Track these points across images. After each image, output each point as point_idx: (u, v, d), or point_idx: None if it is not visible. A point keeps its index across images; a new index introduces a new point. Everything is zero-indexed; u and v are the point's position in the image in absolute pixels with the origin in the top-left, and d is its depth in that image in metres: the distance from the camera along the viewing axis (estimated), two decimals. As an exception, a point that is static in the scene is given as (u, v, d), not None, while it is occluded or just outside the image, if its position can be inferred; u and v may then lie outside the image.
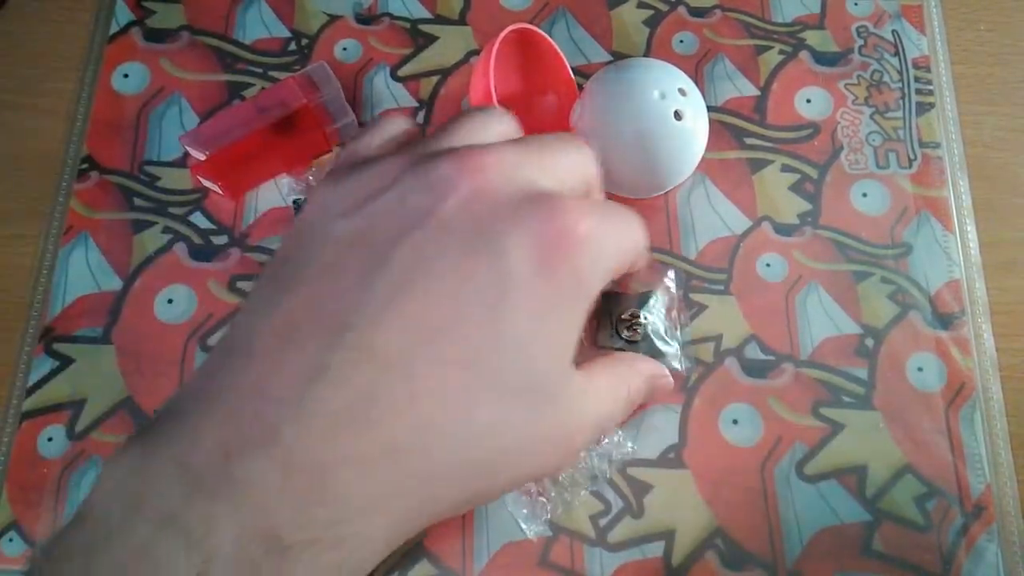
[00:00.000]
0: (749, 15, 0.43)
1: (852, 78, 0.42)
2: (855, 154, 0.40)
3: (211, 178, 0.38)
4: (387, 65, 0.42)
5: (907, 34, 0.42)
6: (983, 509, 0.34)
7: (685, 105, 0.35)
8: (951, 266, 0.38)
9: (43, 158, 0.41)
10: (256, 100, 0.39)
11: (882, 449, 0.35)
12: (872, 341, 0.37)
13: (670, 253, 0.38)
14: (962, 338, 0.37)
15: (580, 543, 0.34)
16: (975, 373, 0.36)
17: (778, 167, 0.40)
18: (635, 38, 0.43)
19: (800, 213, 0.39)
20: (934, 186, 0.39)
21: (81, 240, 0.39)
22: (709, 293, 0.38)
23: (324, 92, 0.39)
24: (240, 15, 0.43)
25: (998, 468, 0.35)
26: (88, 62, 0.42)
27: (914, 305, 0.37)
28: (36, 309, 0.38)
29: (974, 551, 0.33)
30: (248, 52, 0.42)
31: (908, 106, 0.41)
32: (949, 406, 0.35)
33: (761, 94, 0.41)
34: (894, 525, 0.34)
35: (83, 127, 0.41)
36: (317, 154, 0.40)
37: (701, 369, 0.36)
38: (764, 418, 0.35)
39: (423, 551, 0.34)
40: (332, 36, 0.43)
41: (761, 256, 0.38)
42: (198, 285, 0.38)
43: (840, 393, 0.36)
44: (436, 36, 0.43)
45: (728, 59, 0.42)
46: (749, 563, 0.33)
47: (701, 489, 0.34)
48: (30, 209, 0.40)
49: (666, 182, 0.37)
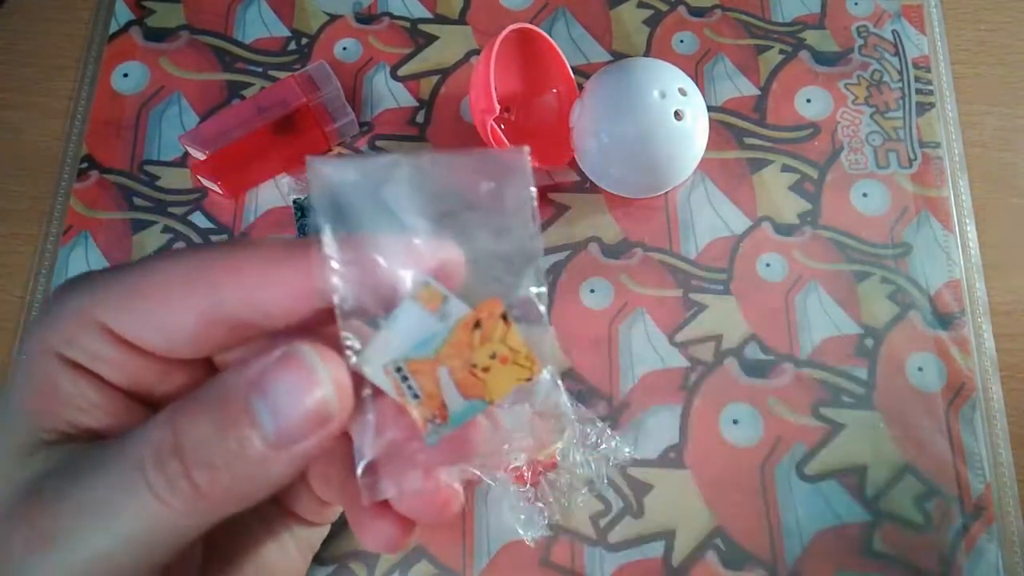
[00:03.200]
0: (749, 15, 0.43)
1: (852, 78, 0.42)
2: (855, 154, 0.40)
3: (211, 178, 0.38)
4: (387, 64, 0.42)
5: (907, 34, 0.42)
6: (983, 509, 0.34)
7: (685, 105, 0.35)
8: (951, 266, 0.38)
9: (42, 157, 0.41)
10: (256, 99, 0.39)
11: (882, 449, 0.35)
12: (872, 341, 0.37)
13: (670, 253, 0.38)
14: (962, 338, 0.37)
15: (580, 543, 0.34)
16: (975, 373, 0.36)
17: (778, 167, 0.40)
18: (635, 38, 0.43)
19: (800, 213, 0.39)
20: (934, 186, 0.39)
21: (81, 240, 0.39)
22: (709, 293, 0.38)
23: (324, 91, 0.39)
24: (240, 14, 0.43)
25: (998, 468, 0.35)
26: (87, 61, 0.42)
27: (914, 305, 0.37)
28: (35, 308, 0.38)
29: (974, 551, 0.33)
30: (248, 51, 0.42)
31: (908, 106, 0.41)
32: (949, 406, 0.35)
33: (761, 94, 0.41)
34: (894, 525, 0.34)
35: (83, 126, 0.41)
36: (317, 154, 0.40)
37: (701, 369, 0.36)
38: (764, 418, 0.35)
39: (423, 552, 0.34)
40: (332, 35, 0.43)
41: (761, 256, 0.38)
42: (198, 285, 0.38)
43: (840, 393, 0.36)
44: (436, 36, 0.43)
45: (728, 59, 0.42)
46: (749, 563, 0.33)
47: (701, 489, 0.34)
48: (30, 208, 0.40)
49: (666, 182, 0.37)
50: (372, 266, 0.17)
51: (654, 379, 0.36)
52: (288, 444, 0.17)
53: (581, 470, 0.34)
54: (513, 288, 0.18)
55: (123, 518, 0.16)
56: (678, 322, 0.37)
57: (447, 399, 0.18)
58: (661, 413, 0.36)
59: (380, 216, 0.18)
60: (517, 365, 0.18)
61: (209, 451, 0.16)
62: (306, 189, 0.39)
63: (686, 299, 0.37)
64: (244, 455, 0.16)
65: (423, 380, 0.18)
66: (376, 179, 0.18)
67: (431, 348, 0.17)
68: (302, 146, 0.39)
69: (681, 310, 0.37)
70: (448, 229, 0.18)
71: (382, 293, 0.18)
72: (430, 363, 0.18)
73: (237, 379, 0.17)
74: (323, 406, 0.17)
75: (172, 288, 0.18)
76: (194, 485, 0.16)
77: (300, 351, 0.17)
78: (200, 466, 0.16)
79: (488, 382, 0.18)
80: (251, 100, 0.39)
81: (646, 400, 0.36)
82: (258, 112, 0.38)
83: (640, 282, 0.38)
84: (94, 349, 0.18)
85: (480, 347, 0.18)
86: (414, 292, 0.17)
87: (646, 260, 0.38)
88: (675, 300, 0.37)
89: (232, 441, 0.16)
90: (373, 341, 0.17)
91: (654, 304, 0.37)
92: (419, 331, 0.17)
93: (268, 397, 0.16)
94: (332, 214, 0.17)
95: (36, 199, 0.40)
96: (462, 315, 0.17)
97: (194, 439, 0.16)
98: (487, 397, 0.18)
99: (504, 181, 0.18)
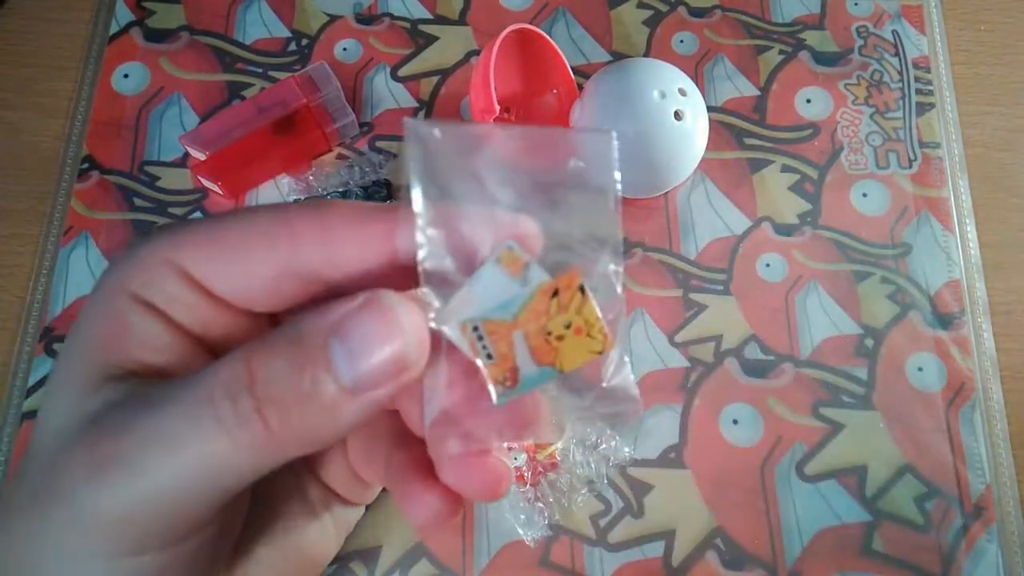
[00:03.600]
0: (749, 15, 0.43)
1: (852, 78, 0.42)
2: (855, 154, 0.40)
3: (211, 178, 0.38)
4: (387, 65, 0.42)
5: (907, 34, 0.42)
6: (983, 509, 0.34)
7: (685, 105, 0.35)
8: (951, 266, 0.38)
9: (43, 158, 0.41)
10: (256, 100, 0.39)
11: (882, 449, 0.35)
12: (872, 341, 0.37)
13: (670, 253, 0.38)
14: (962, 338, 0.37)
15: (580, 543, 0.34)
16: (975, 373, 0.36)
17: (778, 167, 0.40)
18: (635, 38, 0.43)
19: (800, 213, 0.39)
20: (934, 186, 0.39)
21: (81, 240, 0.39)
22: (709, 293, 0.38)
23: (324, 92, 0.39)
24: (240, 15, 0.43)
25: (998, 468, 0.35)
26: (88, 62, 0.42)
27: (914, 305, 0.37)
28: (36, 309, 0.38)
29: (974, 551, 0.33)
30: (248, 52, 0.42)
31: (908, 106, 0.41)
32: (949, 406, 0.35)
33: (761, 94, 0.41)
34: (894, 525, 0.34)
35: (83, 127, 0.41)
36: (317, 154, 0.40)
37: (701, 369, 0.36)
38: (764, 418, 0.35)
39: (423, 551, 0.34)
40: (332, 36, 0.43)
41: (761, 256, 0.38)
42: (198, 285, 0.38)
43: (840, 393, 0.36)
44: (436, 36, 0.43)
45: (728, 59, 0.42)
46: (749, 563, 0.33)
47: (701, 489, 0.34)
48: (30, 209, 0.40)
49: (666, 182, 0.37)
50: (456, 230, 0.18)
51: (654, 379, 0.36)
52: (362, 390, 0.16)
53: (581, 470, 0.34)
54: (592, 264, 0.18)
55: (189, 451, 0.16)
56: (678, 322, 0.37)
57: (520, 363, 0.18)
58: (661, 413, 0.36)
59: (468, 182, 0.18)
60: (590, 337, 0.18)
61: (282, 389, 0.16)
62: (305, 190, 0.39)
63: (686, 299, 0.37)
64: (317, 397, 0.16)
65: (498, 342, 0.18)
66: (468, 146, 0.18)
67: (509, 311, 0.18)
68: (302, 147, 0.39)
69: (681, 310, 0.37)
70: (533, 202, 0.18)
71: (463, 257, 0.18)
72: (507, 326, 0.18)
73: (318, 321, 0.17)
74: (401, 355, 0.16)
75: (253, 239, 0.18)
76: (264, 422, 0.16)
77: (384, 298, 0.17)
78: (272, 403, 0.16)
79: (561, 351, 0.18)
80: (251, 101, 0.39)
81: (646, 400, 0.36)
82: (258, 113, 0.38)
83: (640, 282, 0.38)
84: (170, 291, 0.18)
85: (556, 316, 0.18)
86: (497, 255, 0.18)
87: (646, 260, 0.38)
88: (675, 300, 0.37)
89: (307, 381, 0.16)
90: (454, 299, 0.17)
91: (654, 304, 0.37)
92: (499, 293, 0.18)
93: (347, 341, 0.16)
94: (423, 175, 0.17)
95: (36, 199, 0.40)
96: (542, 282, 0.18)
97: (268, 376, 0.16)
98: (559, 365, 0.18)
99: (591, 161, 0.19)
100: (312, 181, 0.39)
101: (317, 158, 0.40)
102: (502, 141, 0.19)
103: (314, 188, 0.39)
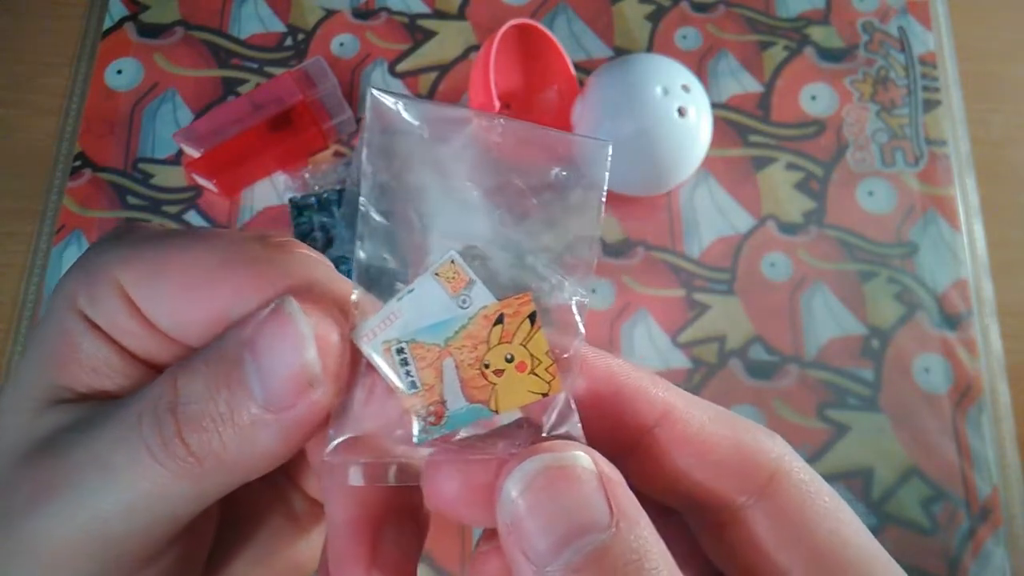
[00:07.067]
0: (753, 10, 0.42)
1: (858, 75, 0.41)
2: (861, 152, 0.39)
3: (206, 176, 0.38)
4: (385, 60, 0.42)
5: (913, 30, 0.42)
6: (990, 512, 0.33)
7: (688, 102, 0.34)
8: (958, 265, 0.37)
9: (35, 156, 0.40)
10: (251, 96, 0.38)
11: (888, 451, 0.34)
12: (878, 342, 0.36)
13: (673, 252, 0.38)
14: (969, 339, 0.36)
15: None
16: (982, 374, 0.36)
17: (783, 165, 0.39)
18: (637, 33, 0.42)
19: (805, 212, 0.38)
20: (941, 184, 0.39)
21: (74, 239, 0.38)
22: (713, 293, 0.37)
23: (321, 88, 0.39)
24: (235, 10, 0.43)
25: (1006, 471, 0.34)
26: (81, 58, 0.42)
27: (921, 305, 0.37)
28: (28, 308, 0.37)
29: (981, 555, 0.33)
30: (243, 47, 0.42)
31: (915, 103, 0.40)
32: (956, 408, 0.35)
33: (765, 91, 0.41)
34: (900, 528, 0.33)
35: (76, 124, 0.40)
36: (313, 151, 0.40)
37: (705, 370, 0.36)
38: (768, 420, 0.35)
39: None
40: (329, 31, 0.42)
41: (765, 255, 0.38)
42: (193, 285, 0.37)
43: (846, 395, 0.35)
44: (435, 31, 0.42)
45: (732, 55, 0.41)
46: (753, 568, 0.33)
47: (704, 492, 0.34)
48: (22, 207, 0.39)
49: (669, 180, 0.36)
50: (405, 223, 0.15)
51: (657, 380, 0.36)
52: (277, 409, 0.15)
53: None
54: (553, 289, 0.16)
55: (121, 477, 0.15)
56: (681, 323, 0.37)
57: (447, 396, 0.15)
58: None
59: (427, 173, 0.16)
60: (535, 375, 0.15)
61: (201, 411, 0.15)
62: (301, 188, 0.38)
63: (689, 299, 0.37)
64: (232, 419, 0.15)
65: (425, 369, 0.15)
66: (438, 132, 0.16)
67: (442, 335, 0.15)
68: (298, 143, 0.39)
69: (684, 310, 0.37)
70: (501, 207, 0.16)
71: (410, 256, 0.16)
72: (437, 351, 0.15)
73: (237, 332, 0.15)
74: (301, 370, 0.15)
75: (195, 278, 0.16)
76: (186, 447, 0.15)
77: (285, 303, 0.15)
78: (191, 427, 0.15)
79: (498, 388, 0.15)
80: (247, 97, 0.38)
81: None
82: (254, 109, 0.38)
83: (642, 282, 0.37)
84: (114, 315, 0.17)
85: (498, 346, 0.15)
86: (437, 267, 0.15)
87: (648, 259, 0.38)
88: (678, 300, 0.37)
89: (222, 402, 0.15)
90: (379, 312, 0.15)
91: (657, 304, 0.37)
92: (434, 312, 0.15)
93: (257, 355, 0.15)
94: (380, 156, 0.15)
95: (29, 198, 0.39)
96: (486, 305, 0.15)
97: (187, 397, 0.15)
98: (493, 405, 0.15)
99: (577, 171, 0.16)
100: (309, 178, 0.39)
101: (314, 155, 0.40)
102: (479, 131, 0.16)
103: (311, 186, 0.38)
